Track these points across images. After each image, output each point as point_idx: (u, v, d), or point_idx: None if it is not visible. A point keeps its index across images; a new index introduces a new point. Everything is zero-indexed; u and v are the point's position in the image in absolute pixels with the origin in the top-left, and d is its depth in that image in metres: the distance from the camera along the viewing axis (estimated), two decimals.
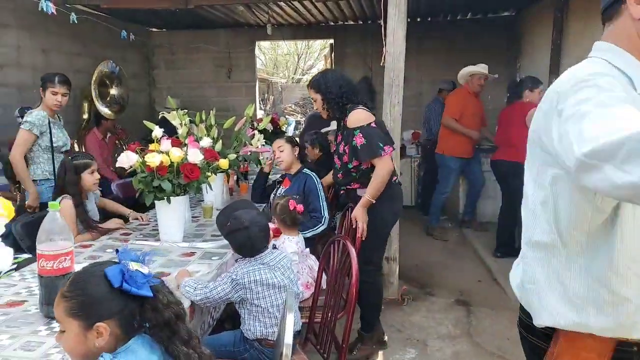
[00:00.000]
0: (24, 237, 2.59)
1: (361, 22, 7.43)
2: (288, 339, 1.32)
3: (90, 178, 2.78)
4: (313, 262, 2.68)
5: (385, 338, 3.02)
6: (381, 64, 3.45)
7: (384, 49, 3.39)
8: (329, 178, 3.41)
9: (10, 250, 1.02)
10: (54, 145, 3.45)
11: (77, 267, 1.46)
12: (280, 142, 3.30)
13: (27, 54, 5.29)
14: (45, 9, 4.05)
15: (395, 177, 2.84)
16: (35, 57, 5.42)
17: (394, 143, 2.81)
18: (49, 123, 3.43)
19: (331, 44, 8.34)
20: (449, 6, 6.44)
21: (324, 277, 2.52)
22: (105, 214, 3.12)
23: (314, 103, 2.88)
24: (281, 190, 3.29)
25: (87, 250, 2.47)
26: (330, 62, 8.63)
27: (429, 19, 7.25)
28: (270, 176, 4.44)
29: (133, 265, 1.13)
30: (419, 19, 7.09)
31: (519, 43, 6.72)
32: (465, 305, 3.61)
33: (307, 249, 2.75)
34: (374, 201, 2.65)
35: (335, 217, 3.78)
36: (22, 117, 4.50)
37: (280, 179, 3.41)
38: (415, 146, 6.54)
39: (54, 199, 2.66)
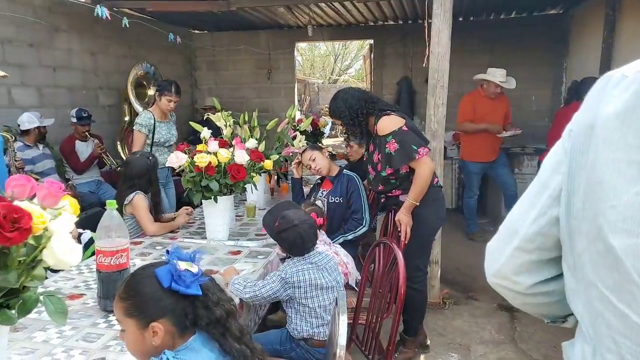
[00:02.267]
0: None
1: (401, 22, 7.37)
2: (341, 340, 1.33)
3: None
4: (338, 249, 2.66)
5: (428, 342, 2.99)
6: (424, 65, 3.41)
7: (427, 49, 3.35)
8: None
9: (80, 247, 1.06)
10: (155, 140, 3.82)
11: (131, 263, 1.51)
12: (308, 154, 3.24)
13: (77, 57, 5.50)
14: (100, 14, 4.24)
15: (437, 179, 2.80)
16: (85, 60, 5.63)
17: (428, 143, 2.74)
18: (155, 122, 3.81)
19: (370, 44, 8.32)
20: (492, 5, 6.30)
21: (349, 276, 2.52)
22: None
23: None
24: (322, 192, 3.27)
25: (138, 247, 2.55)
26: (369, 62, 8.61)
27: (472, 18, 7.12)
28: (308, 177, 4.46)
29: (182, 265, 1.16)
30: (461, 19, 6.98)
31: (566, 42, 6.51)
32: (509, 311, 3.53)
33: (327, 238, 2.71)
34: (417, 204, 2.61)
35: (376, 218, 3.76)
36: (77, 117, 4.71)
37: (319, 181, 3.40)
38: (456, 147, 6.44)
39: (126, 194, 2.78)
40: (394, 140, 2.57)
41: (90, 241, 2.60)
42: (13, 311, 1.01)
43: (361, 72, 17.93)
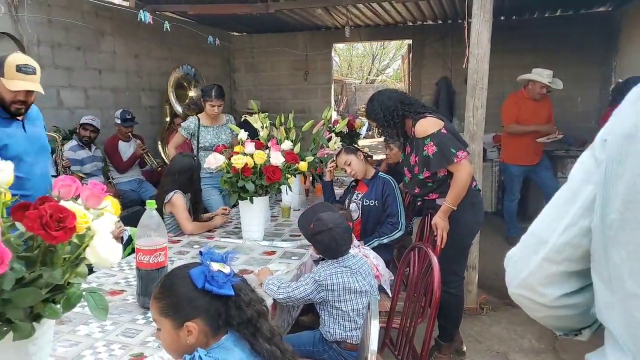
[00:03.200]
0: None
1: (441, 22, 7.27)
2: (372, 345, 1.32)
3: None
4: (368, 251, 2.63)
5: (464, 348, 2.94)
6: (463, 66, 3.35)
7: (467, 50, 3.29)
8: None
9: (120, 246, 1.10)
10: (200, 145, 3.82)
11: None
12: (343, 158, 3.19)
13: (121, 59, 5.69)
14: (143, 19, 4.38)
15: (475, 183, 2.74)
16: (128, 62, 5.82)
17: (467, 146, 2.67)
18: (199, 127, 3.80)
19: (409, 45, 8.24)
20: (536, 3, 6.13)
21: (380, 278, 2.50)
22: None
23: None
24: (357, 194, 3.25)
25: (176, 245, 2.61)
26: (408, 62, 8.53)
27: (514, 17, 6.95)
28: (343, 178, 4.46)
29: (215, 266, 1.18)
30: (502, 18, 6.82)
31: (616, 40, 6.25)
32: None
33: (356, 240, 2.68)
34: (454, 208, 2.56)
35: (412, 221, 3.72)
36: (121, 119, 4.87)
37: (354, 183, 3.38)
38: (496, 149, 6.31)
39: (167, 192, 2.86)
40: (432, 143, 2.52)
41: (130, 239, 2.69)
42: (58, 306, 1.06)
43: (399, 73, 17.78)
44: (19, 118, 2.37)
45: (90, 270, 1.12)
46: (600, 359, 0.75)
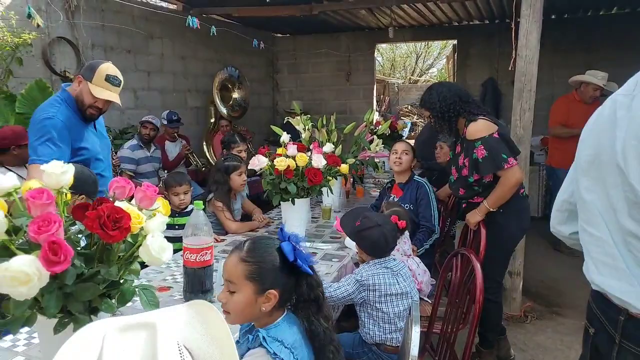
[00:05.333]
0: None
1: (487, 22, 7.11)
2: (414, 350, 1.33)
3: (238, 179, 3.07)
4: (415, 265, 2.60)
5: (512, 354, 2.88)
6: (509, 69, 3.27)
7: (514, 51, 3.21)
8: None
9: (171, 246, 1.15)
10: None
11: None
12: (406, 147, 3.20)
13: (169, 61, 5.88)
14: (191, 24, 4.53)
15: (523, 190, 2.67)
16: (175, 64, 6.00)
17: (519, 153, 2.61)
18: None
19: (454, 45, 8.11)
20: (590, 1, 5.90)
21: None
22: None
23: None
24: (392, 198, 3.22)
25: (220, 245, 2.68)
26: (453, 63, 8.39)
27: (565, 16, 6.71)
28: (377, 175, 4.44)
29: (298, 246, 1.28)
30: (553, 16, 6.60)
31: None
32: None
33: (409, 249, 2.65)
34: (492, 209, 2.52)
35: (455, 225, 3.67)
36: (167, 120, 5.03)
37: (389, 185, 3.36)
38: (544, 153, 6.12)
39: (205, 197, 2.97)
40: (482, 147, 2.47)
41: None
42: (113, 300, 1.12)
43: (443, 73, 17.50)
44: None
45: (143, 264, 1.18)
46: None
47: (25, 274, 0.92)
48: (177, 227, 2.77)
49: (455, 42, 7.92)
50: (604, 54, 6.19)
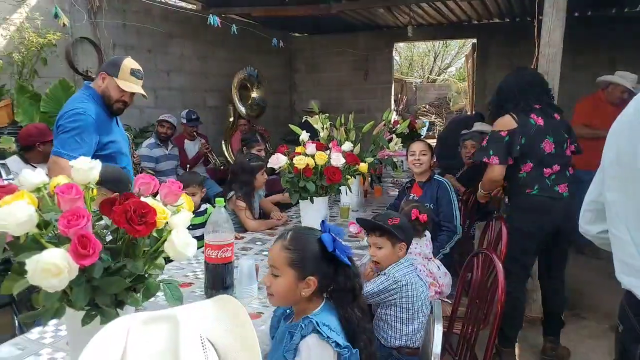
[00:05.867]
0: None
1: (507, 20, 7.03)
2: (436, 348, 1.32)
3: (261, 178, 3.11)
4: (436, 268, 2.58)
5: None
6: (532, 67, 3.23)
7: (536, 50, 3.17)
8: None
9: (195, 242, 1.17)
10: None
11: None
12: (424, 147, 3.17)
13: (188, 61, 5.94)
14: (212, 23, 4.57)
15: (530, 190, 2.66)
16: (194, 64, 6.06)
17: (507, 162, 2.63)
18: None
19: (473, 44, 8.03)
20: None
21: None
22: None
23: None
24: (413, 197, 3.20)
25: (240, 242, 2.70)
26: (472, 62, 8.32)
27: (589, 13, 6.59)
28: (396, 175, 4.41)
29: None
30: (576, 14, 6.49)
31: None
32: None
33: (430, 252, 2.64)
34: (482, 191, 2.88)
35: (475, 225, 3.64)
36: (186, 119, 5.08)
37: (409, 184, 3.34)
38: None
39: (224, 194, 2.99)
40: (487, 137, 2.73)
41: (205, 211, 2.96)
42: (139, 294, 1.14)
43: (462, 72, 17.35)
44: None
45: (167, 260, 1.20)
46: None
47: (56, 266, 0.94)
48: (190, 227, 2.78)
49: (474, 40, 7.84)
50: (628, 52, 6.06)
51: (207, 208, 3.07)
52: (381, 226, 2.00)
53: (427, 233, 2.58)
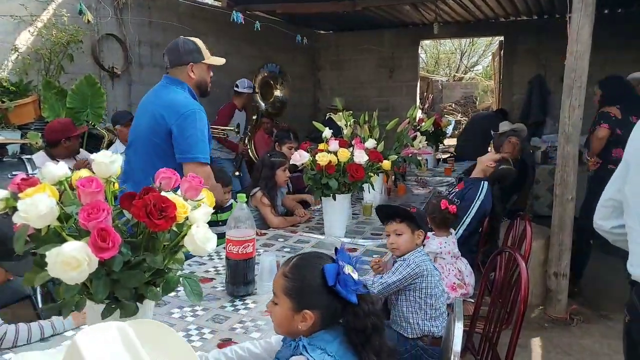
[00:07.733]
0: None
1: (535, 17, 6.88)
2: (456, 346, 1.30)
3: (282, 174, 3.11)
4: (464, 266, 2.56)
5: None
6: (564, 62, 3.15)
7: (569, 45, 3.09)
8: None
9: (215, 237, 1.17)
10: None
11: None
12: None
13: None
14: (236, 19, 4.59)
15: (614, 167, 2.74)
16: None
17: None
18: None
19: (500, 41, 7.89)
20: None
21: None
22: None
23: None
24: (454, 192, 3.26)
25: (262, 238, 2.71)
26: (499, 59, 8.17)
27: (619, 10, 6.40)
28: (420, 173, 4.38)
29: (347, 269, 1.19)
30: (606, 11, 6.31)
31: None
32: None
33: (458, 251, 2.62)
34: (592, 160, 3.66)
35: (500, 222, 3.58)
36: (247, 87, 5.10)
37: (456, 182, 3.35)
38: None
39: (249, 191, 3.01)
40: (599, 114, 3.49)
41: (231, 206, 2.92)
42: (158, 289, 1.14)
43: (489, 70, 17.07)
44: None
45: (187, 256, 1.20)
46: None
47: (75, 259, 0.95)
48: (220, 223, 2.78)
49: (501, 38, 7.70)
50: None
51: (231, 203, 3.08)
52: (403, 211, 2.05)
53: (452, 231, 2.57)
